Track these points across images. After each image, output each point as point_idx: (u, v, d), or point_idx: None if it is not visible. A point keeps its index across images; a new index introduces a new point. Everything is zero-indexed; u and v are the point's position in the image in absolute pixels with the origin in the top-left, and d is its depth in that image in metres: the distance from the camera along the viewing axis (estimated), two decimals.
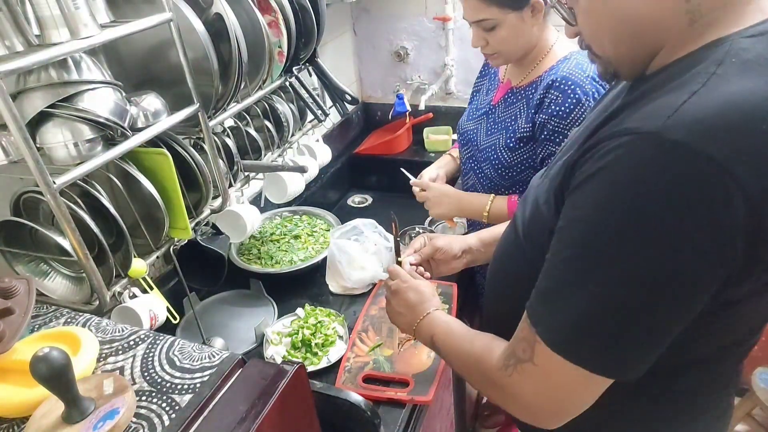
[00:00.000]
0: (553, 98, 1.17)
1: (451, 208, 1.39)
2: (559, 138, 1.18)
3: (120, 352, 0.69)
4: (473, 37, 1.21)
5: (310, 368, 1.17)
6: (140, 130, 0.87)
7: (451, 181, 1.58)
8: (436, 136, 2.14)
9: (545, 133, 1.19)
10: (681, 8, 0.58)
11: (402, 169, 1.50)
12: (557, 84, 1.15)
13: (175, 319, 1.06)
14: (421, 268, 1.08)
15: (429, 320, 0.90)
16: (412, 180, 1.46)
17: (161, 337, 0.71)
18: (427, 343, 0.90)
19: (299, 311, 1.32)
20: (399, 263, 1.06)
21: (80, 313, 0.78)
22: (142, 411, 0.60)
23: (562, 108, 1.15)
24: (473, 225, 1.52)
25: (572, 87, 1.13)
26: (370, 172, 2.15)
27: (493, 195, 1.31)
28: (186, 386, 0.63)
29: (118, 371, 0.66)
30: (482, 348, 0.75)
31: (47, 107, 0.76)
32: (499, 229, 1.00)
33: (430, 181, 1.44)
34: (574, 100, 1.14)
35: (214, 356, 0.66)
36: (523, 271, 0.73)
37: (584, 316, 0.59)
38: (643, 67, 0.64)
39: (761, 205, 0.51)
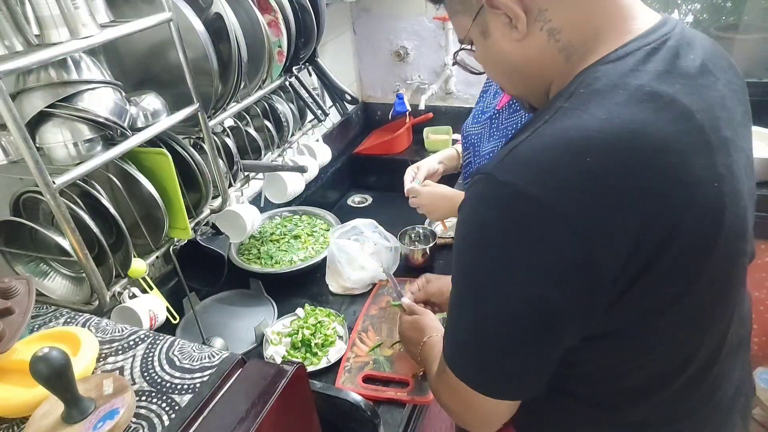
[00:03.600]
0: None
1: (447, 210, 1.35)
2: None
3: (120, 352, 0.69)
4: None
5: (310, 368, 1.17)
6: (140, 129, 0.87)
7: (452, 176, 1.56)
8: (436, 136, 2.14)
9: None
10: (553, 48, 0.61)
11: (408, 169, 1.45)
12: None
13: (174, 319, 1.06)
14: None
15: (424, 348, 0.97)
16: (406, 188, 1.40)
17: (161, 337, 0.71)
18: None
19: (299, 311, 1.32)
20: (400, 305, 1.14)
21: (80, 313, 0.78)
22: (142, 411, 0.60)
23: None
24: None
25: None
26: (370, 172, 2.15)
27: None
28: (186, 386, 0.62)
29: (117, 371, 0.66)
30: (435, 359, 0.80)
31: (47, 107, 0.76)
32: None
33: (421, 186, 1.38)
34: None
35: (213, 356, 0.66)
36: None
37: (459, 336, 0.66)
38: (548, 97, 0.67)
39: (590, 237, 0.53)
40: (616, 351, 0.64)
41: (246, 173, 1.27)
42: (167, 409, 0.60)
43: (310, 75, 1.46)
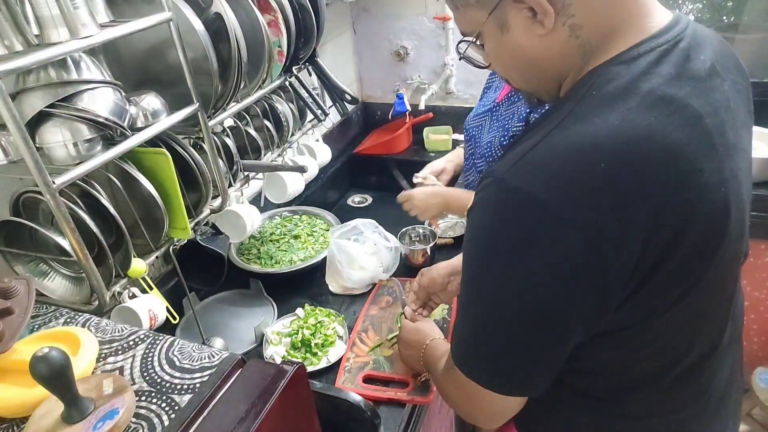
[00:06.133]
0: None
1: (440, 207, 1.37)
2: None
3: (120, 352, 0.69)
4: None
5: (310, 368, 1.17)
6: (140, 129, 0.87)
7: (458, 176, 1.58)
8: (436, 136, 2.14)
9: None
10: (573, 44, 0.60)
11: (395, 173, 1.45)
12: None
13: (174, 319, 1.06)
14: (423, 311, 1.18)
15: (426, 351, 0.99)
16: (400, 195, 1.42)
17: (161, 337, 0.71)
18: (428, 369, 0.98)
19: (299, 311, 1.32)
20: (403, 314, 1.17)
21: (80, 313, 0.78)
22: (142, 411, 0.60)
23: None
24: None
25: None
26: (370, 172, 2.15)
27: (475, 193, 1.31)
28: (186, 386, 0.62)
29: (117, 371, 0.66)
30: (441, 358, 0.82)
31: (46, 107, 0.76)
32: None
33: (413, 189, 1.41)
34: None
35: (213, 356, 0.66)
36: None
37: (468, 336, 0.67)
38: (559, 91, 0.67)
39: (600, 242, 0.54)
40: (616, 347, 0.66)
41: (246, 173, 1.27)
42: (167, 409, 0.60)
43: (310, 75, 1.46)
